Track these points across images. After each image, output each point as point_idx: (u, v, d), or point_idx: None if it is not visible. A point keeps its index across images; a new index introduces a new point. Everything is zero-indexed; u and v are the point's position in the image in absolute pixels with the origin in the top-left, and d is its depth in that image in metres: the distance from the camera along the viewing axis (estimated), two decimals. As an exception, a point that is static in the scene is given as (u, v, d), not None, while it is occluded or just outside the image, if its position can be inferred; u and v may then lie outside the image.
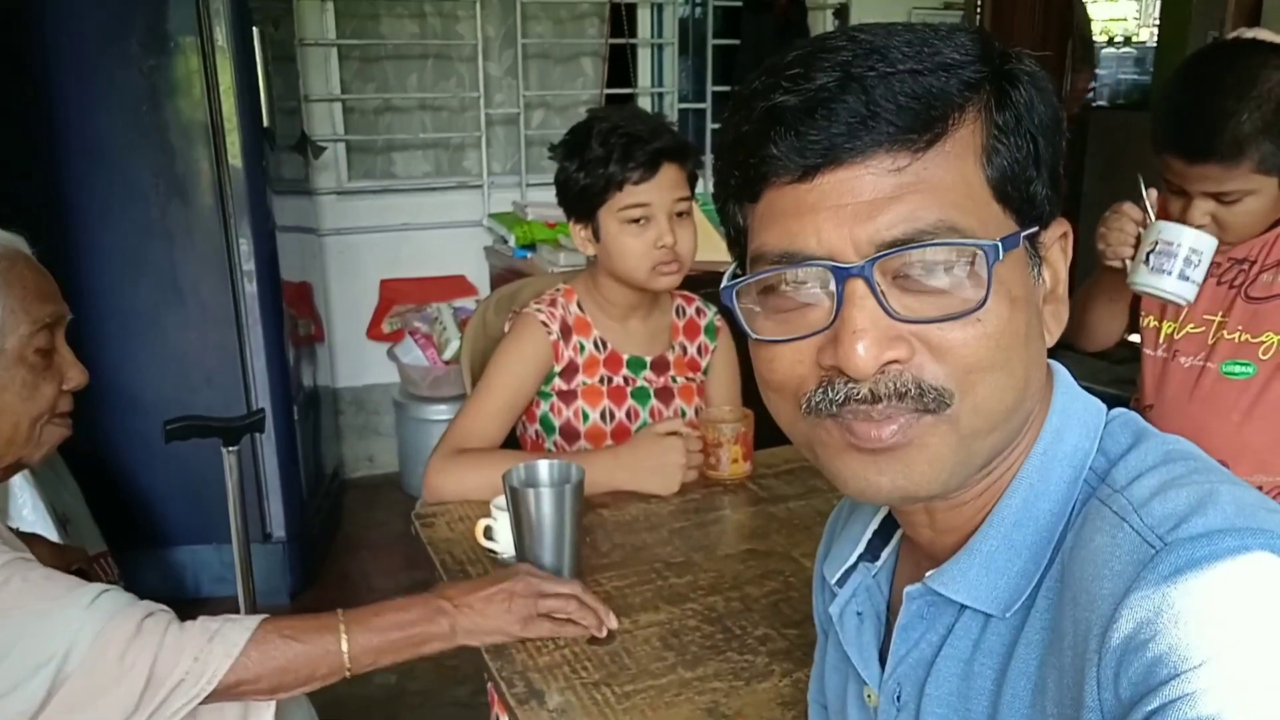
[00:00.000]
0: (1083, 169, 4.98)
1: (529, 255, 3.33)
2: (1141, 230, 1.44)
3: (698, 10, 4.41)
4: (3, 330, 1.10)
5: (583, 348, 1.64)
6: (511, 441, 1.64)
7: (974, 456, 0.60)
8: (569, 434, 1.65)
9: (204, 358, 2.74)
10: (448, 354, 3.28)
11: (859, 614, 0.74)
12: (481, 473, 1.45)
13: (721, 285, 0.64)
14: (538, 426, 1.66)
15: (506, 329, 1.67)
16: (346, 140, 3.63)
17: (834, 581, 0.76)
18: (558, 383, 1.63)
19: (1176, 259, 1.38)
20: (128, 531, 2.65)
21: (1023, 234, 0.60)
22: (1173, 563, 0.52)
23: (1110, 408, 0.66)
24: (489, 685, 1.57)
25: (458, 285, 3.64)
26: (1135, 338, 1.65)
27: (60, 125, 2.55)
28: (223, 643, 1.07)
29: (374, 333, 3.62)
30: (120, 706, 1.02)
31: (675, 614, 1.21)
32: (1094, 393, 0.66)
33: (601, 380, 1.65)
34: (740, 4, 4.08)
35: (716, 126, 3.95)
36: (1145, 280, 1.41)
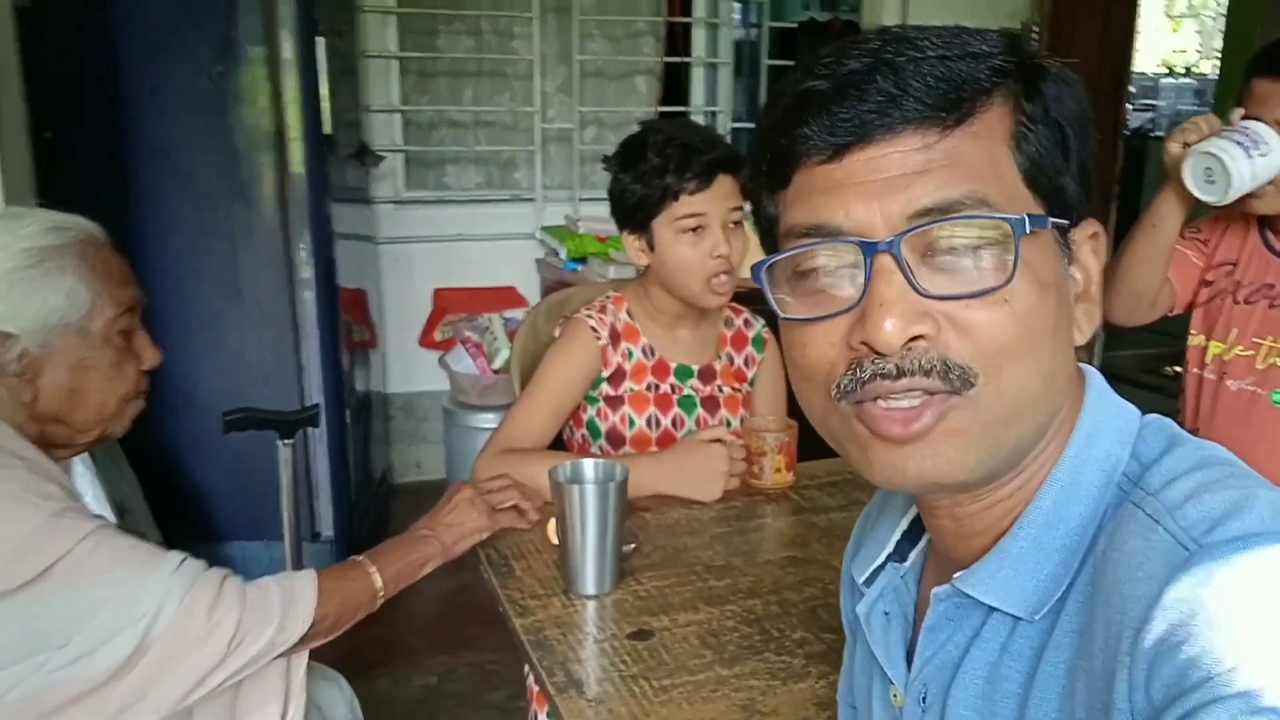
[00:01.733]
0: (1139, 200, 4.94)
1: (579, 268, 3.37)
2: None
3: (753, 32, 4.46)
4: (91, 313, 1.17)
5: (631, 354, 1.67)
6: (558, 447, 1.67)
7: (1000, 445, 0.60)
8: (614, 439, 1.67)
9: (261, 358, 2.81)
10: (497, 363, 3.33)
11: (886, 614, 0.74)
12: (527, 471, 1.48)
13: (753, 264, 0.65)
14: (584, 431, 1.69)
15: (557, 334, 1.70)
16: (405, 151, 3.70)
17: (861, 581, 0.77)
18: (605, 388, 1.66)
19: (1247, 136, 1.41)
20: (181, 524, 2.70)
21: (1051, 220, 0.60)
22: (1207, 565, 0.51)
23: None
24: (528, 681, 1.60)
25: (509, 296, 3.70)
26: (1177, 368, 1.65)
27: (132, 128, 2.64)
28: (300, 594, 1.17)
29: (426, 340, 3.68)
30: (207, 662, 1.10)
31: (714, 614, 1.22)
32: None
33: (649, 387, 1.68)
34: (795, 26, 4.11)
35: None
36: (1206, 146, 1.42)
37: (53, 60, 2.59)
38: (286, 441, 1.79)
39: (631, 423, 1.66)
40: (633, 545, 1.37)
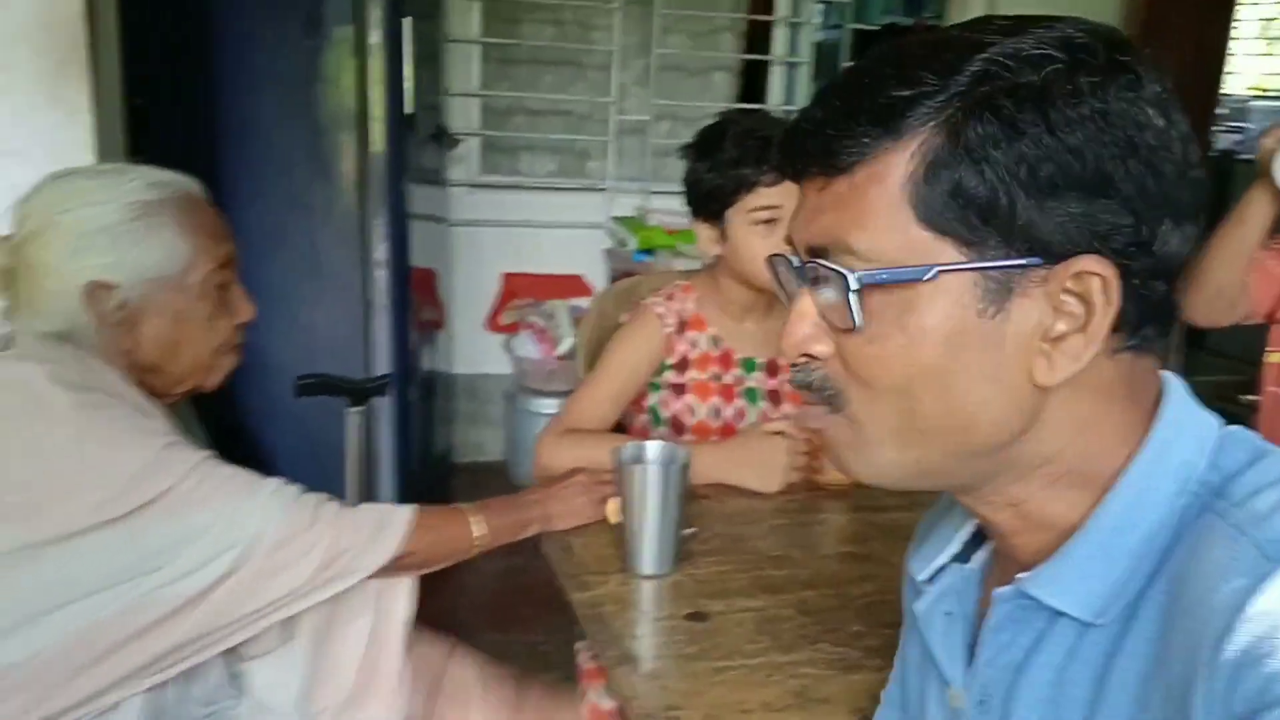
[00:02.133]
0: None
1: (647, 259, 3.38)
2: None
3: (834, 33, 4.43)
4: (190, 267, 1.22)
5: (697, 343, 1.67)
6: (620, 432, 1.68)
7: (898, 464, 0.64)
8: (676, 426, 1.68)
9: (332, 330, 2.87)
10: (561, 349, 3.36)
11: (948, 613, 0.74)
12: (589, 451, 1.49)
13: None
14: (646, 417, 1.70)
15: (624, 319, 1.71)
16: (482, 135, 3.75)
17: (922, 579, 0.76)
18: (669, 375, 1.67)
19: None
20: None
21: (938, 267, 0.58)
22: None
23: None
24: (578, 660, 1.61)
25: (575, 284, 3.72)
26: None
27: (220, 100, 2.71)
28: (388, 526, 1.22)
29: (492, 324, 3.72)
30: (298, 579, 1.16)
31: (771, 602, 1.22)
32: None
33: (713, 377, 1.68)
34: (878, 28, 4.08)
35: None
36: None
37: (148, 30, 2.67)
38: (356, 409, 1.83)
39: (694, 411, 1.67)
40: (693, 530, 1.37)
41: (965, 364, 0.60)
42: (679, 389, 1.67)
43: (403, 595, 1.35)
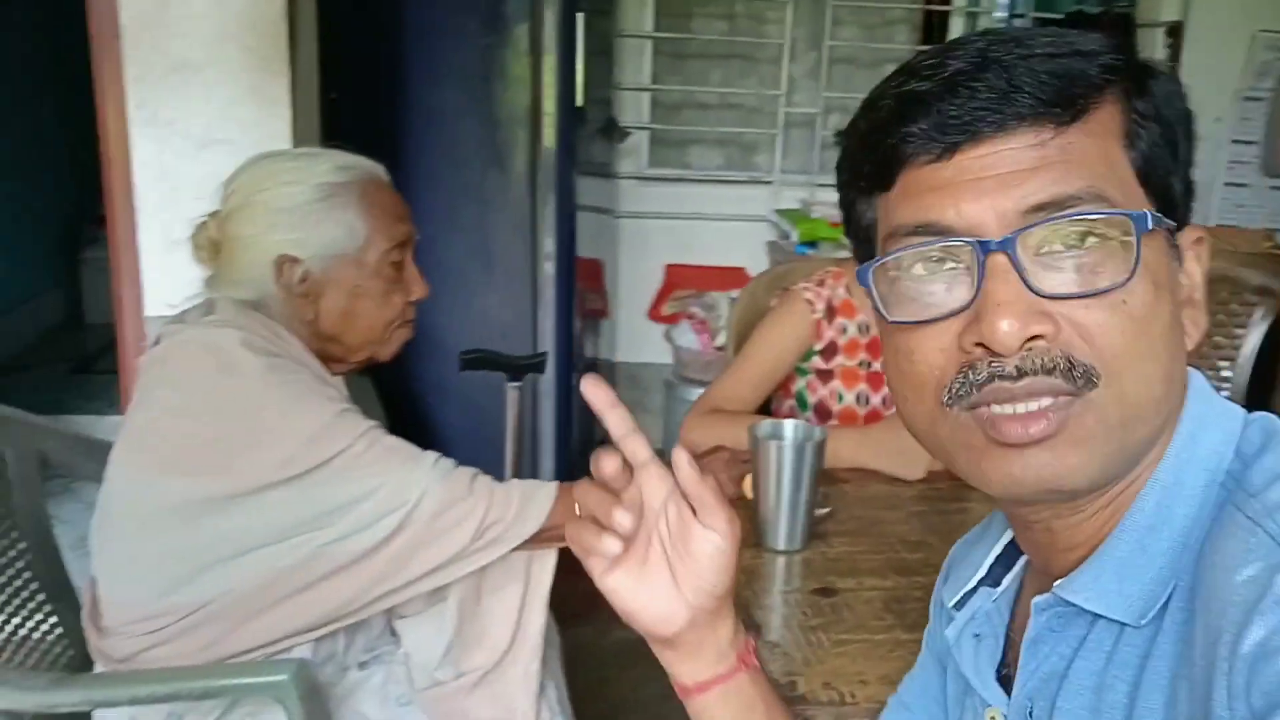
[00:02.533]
0: None
1: (810, 252, 3.37)
2: None
3: (1015, 22, 4.28)
4: (366, 245, 1.31)
5: (845, 329, 1.67)
6: (767, 415, 1.71)
7: (1123, 449, 0.58)
8: (822, 413, 1.69)
9: (500, 315, 3.00)
10: (720, 340, 3.39)
11: (976, 636, 0.73)
12: (730, 431, 1.52)
13: (857, 267, 0.64)
14: (792, 402, 1.72)
15: (773, 304, 1.74)
16: (650, 129, 3.82)
17: (952, 604, 0.76)
18: (816, 361, 1.68)
19: None
20: (418, 461, 2.95)
21: (1165, 219, 0.59)
22: None
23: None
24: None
25: (737, 276, 3.75)
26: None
27: (404, 94, 2.88)
28: (536, 501, 1.29)
29: (654, 313, 3.80)
30: (454, 546, 1.25)
31: (901, 583, 1.23)
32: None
33: (861, 364, 1.68)
34: (1061, 17, 3.92)
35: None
36: None
37: (342, 28, 2.87)
38: (515, 384, 1.92)
39: (840, 397, 1.67)
40: (827, 510, 1.39)
41: (1179, 323, 0.60)
42: (826, 375, 1.68)
43: (549, 565, 1.41)
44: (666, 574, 0.73)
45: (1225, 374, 2.18)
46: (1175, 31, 3.77)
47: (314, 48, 2.44)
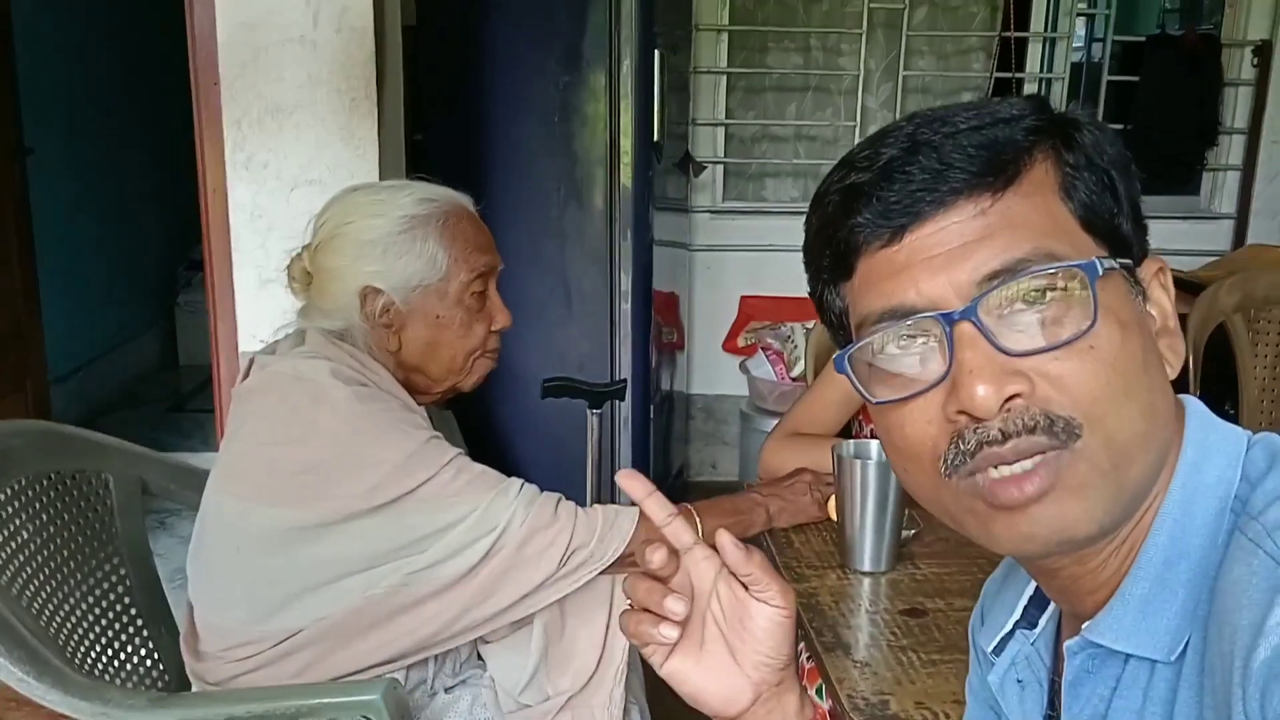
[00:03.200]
0: None
1: (887, 282, 3.35)
2: None
3: (1094, 47, 4.22)
4: (448, 275, 1.33)
5: (928, 350, 1.66)
6: (847, 438, 1.69)
7: (1122, 490, 0.59)
8: (905, 435, 1.67)
9: (579, 347, 3.04)
10: (796, 371, 3.38)
11: (1019, 682, 0.72)
12: (811, 454, 1.52)
13: (833, 356, 0.66)
14: (873, 427, 1.70)
15: (854, 327, 1.73)
16: (725, 163, 3.85)
17: (990, 650, 0.75)
18: (899, 383, 1.66)
19: None
20: (499, 493, 2.98)
21: (1118, 261, 0.60)
22: None
23: None
24: (800, 659, 1.63)
25: (811, 307, 3.71)
26: None
27: (487, 132, 2.95)
28: (618, 525, 1.29)
29: (729, 345, 3.80)
30: (541, 572, 1.26)
31: (992, 605, 1.20)
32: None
33: (944, 386, 1.66)
34: (1143, 40, 3.86)
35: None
36: None
37: (427, 72, 2.96)
38: (595, 411, 1.94)
39: (924, 419, 1.65)
40: (913, 531, 1.37)
41: (1154, 356, 0.61)
42: (908, 397, 1.66)
43: None
44: (725, 653, 0.74)
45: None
46: (1263, 51, 3.69)
47: (400, 90, 2.52)
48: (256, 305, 2.28)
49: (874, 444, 1.35)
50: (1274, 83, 3.68)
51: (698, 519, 1.37)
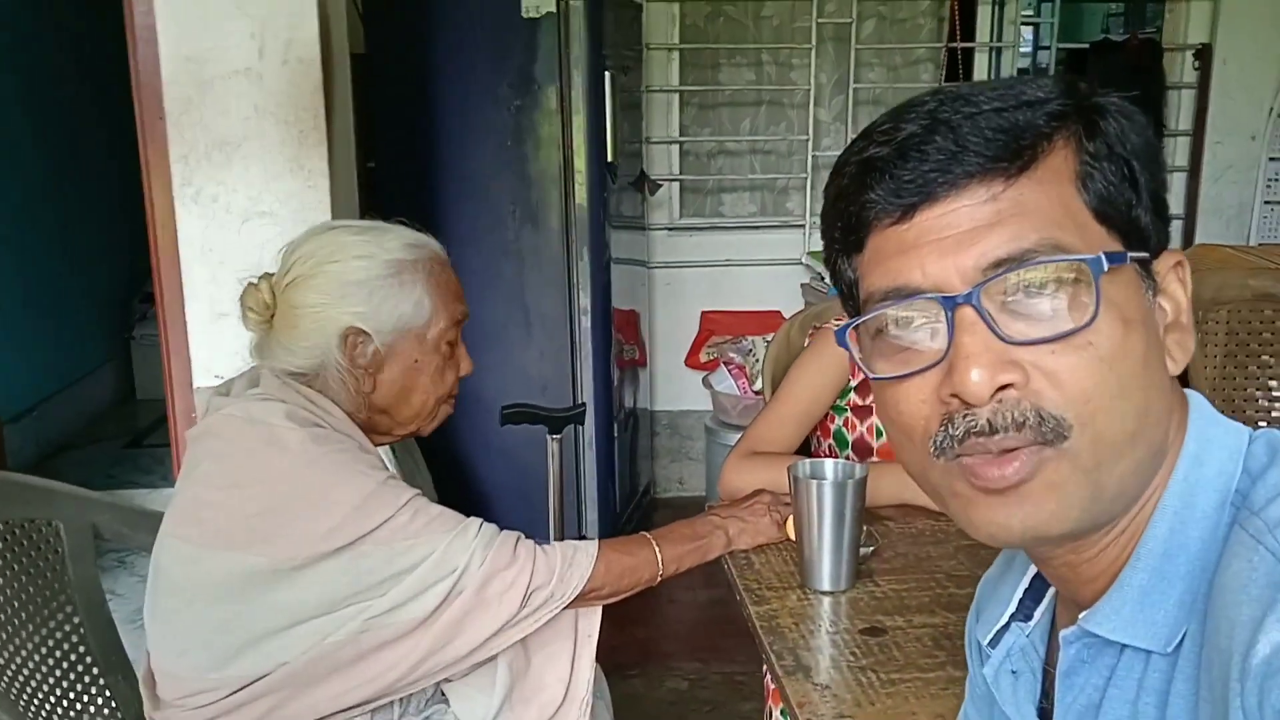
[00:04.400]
0: None
1: (845, 293, 3.37)
2: None
3: (1041, 55, 4.29)
4: (430, 322, 1.33)
5: (882, 365, 1.67)
6: (806, 456, 1.70)
7: (1102, 490, 0.59)
8: (862, 449, 1.68)
9: (540, 369, 3.03)
10: (758, 384, 3.39)
11: (1014, 673, 0.73)
12: (771, 473, 1.52)
13: (835, 328, 0.66)
14: (831, 441, 1.71)
15: (806, 344, 1.74)
16: (681, 180, 3.87)
17: (986, 642, 0.75)
18: (853, 398, 1.67)
19: None
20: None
21: (1130, 254, 0.59)
22: None
23: None
24: (765, 679, 1.63)
25: (773, 320, 3.75)
26: None
27: (440, 158, 2.95)
28: (577, 563, 1.29)
29: (692, 361, 3.81)
30: (503, 614, 1.25)
31: (952, 619, 1.21)
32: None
33: (900, 400, 1.67)
34: (1086, 46, 3.93)
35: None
36: None
37: (378, 99, 2.95)
38: (555, 437, 1.94)
39: (879, 433, 1.67)
40: (872, 548, 1.38)
41: (1155, 353, 0.61)
42: (863, 411, 1.67)
43: (595, 620, 1.40)
44: None
45: (1276, 393, 2.14)
46: (1203, 53, 3.77)
47: (350, 119, 2.51)
48: (210, 340, 2.25)
49: (829, 463, 1.36)
50: (1215, 84, 3.76)
51: (657, 548, 1.37)
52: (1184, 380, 0.64)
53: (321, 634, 1.22)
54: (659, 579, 1.38)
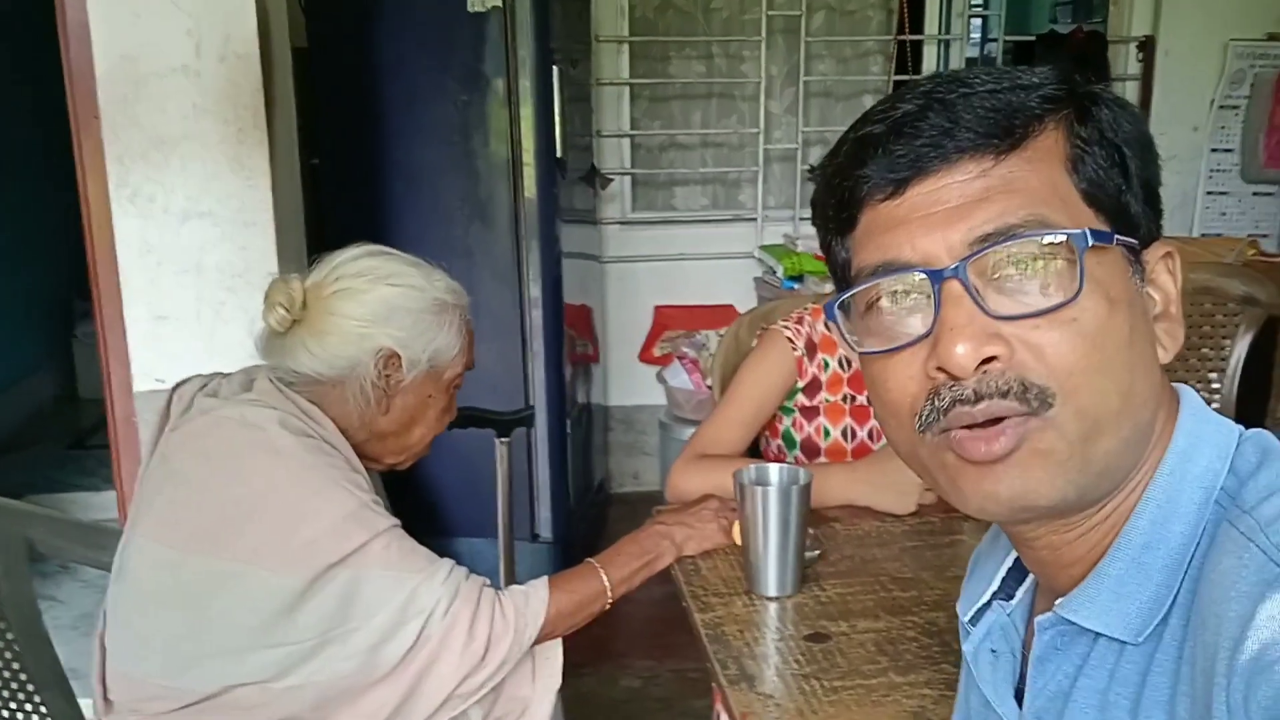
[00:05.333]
0: None
1: (796, 286, 3.38)
2: None
3: (989, 47, 4.33)
4: (450, 364, 1.37)
5: (827, 365, 1.68)
6: (755, 456, 1.70)
7: (1088, 464, 0.59)
8: (810, 450, 1.69)
9: (491, 367, 2.99)
10: (711, 379, 3.39)
11: (994, 652, 0.73)
12: (719, 476, 1.52)
13: (824, 303, 0.67)
14: (780, 442, 1.71)
15: (754, 344, 1.74)
16: (632, 174, 3.85)
17: (967, 620, 0.76)
18: (800, 399, 1.68)
19: None
20: (417, 520, 2.89)
21: (1117, 237, 0.60)
22: None
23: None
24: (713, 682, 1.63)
25: (727, 314, 3.75)
26: None
27: (386, 153, 2.90)
28: (531, 610, 1.28)
29: (645, 356, 3.81)
30: (464, 668, 1.23)
31: (895, 624, 1.22)
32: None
33: (844, 399, 1.68)
34: (1033, 39, 3.96)
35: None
36: None
37: (321, 94, 2.90)
38: (503, 440, 1.92)
39: (827, 434, 1.67)
40: (817, 552, 1.38)
41: (1142, 336, 0.61)
42: (810, 412, 1.68)
43: (556, 658, 1.38)
44: None
45: (1215, 385, 2.18)
46: (1147, 45, 3.82)
47: (292, 115, 2.47)
48: (151, 342, 2.21)
49: (774, 468, 1.36)
50: (1158, 76, 3.81)
51: (604, 575, 1.37)
52: None
53: (281, 667, 1.20)
54: (609, 604, 1.38)
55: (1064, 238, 0.58)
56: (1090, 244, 0.58)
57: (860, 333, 0.65)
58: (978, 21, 4.61)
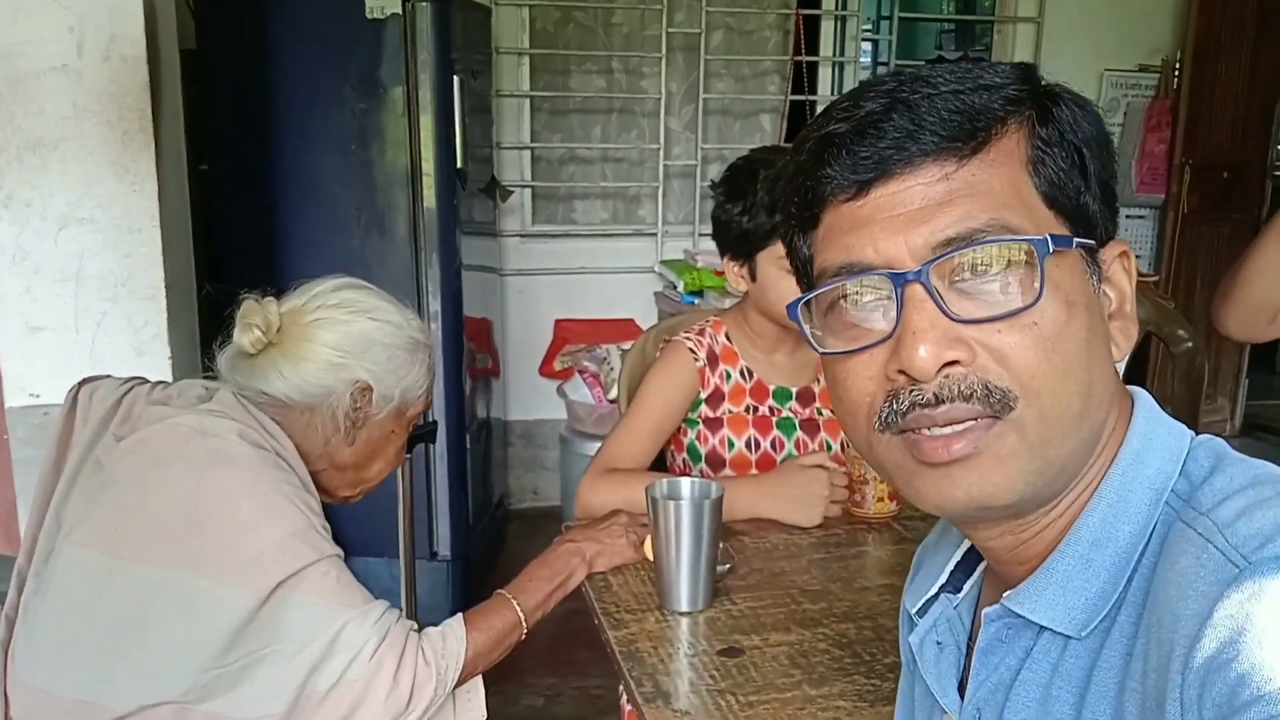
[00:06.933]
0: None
1: (696, 301, 3.41)
2: None
3: (879, 69, 4.45)
4: (414, 403, 1.37)
5: (729, 376, 1.69)
6: (661, 470, 1.70)
7: (1047, 465, 0.60)
8: (714, 462, 1.69)
9: (389, 381, 2.93)
10: (613, 393, 3.38)
11: (939, 644, 0.74)
12: (629, 490, 1.51)
13: (787, 304, 0.67)
14: (685, 455, 1.71)
15: (657, 356, 1.74)
16: (533, 186, 3.83)
17: (914, 611, 0.77)
18: (704, 410, 1.68)
19: None
20: (310, 538, 2.84)
21: (1076, 240, 0.61)
22: (1257, 581, 0.51)
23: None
24: (621, 701, 1.62)
25: (627, 328, 3.76)
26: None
27: (279, 161, 2.82)
28: (450, 650, 1.25)
29: (546, 370, 3.78)
30: (390, 712, 1.19)
31: (806, 636, 1.23)
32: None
33: (747, 409, 1.69)
34: (922, 62, 4.09)
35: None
36: None
37: (211, 98, 2.80)
38: (404, 455, 1.87)
39: (731, 444, 1.68)
40: (728, 565, 1.38)
41: (1099, 338, 0.62)
42: (714, 424, 1.68)
43: (478, 685, 1.35)
44: None
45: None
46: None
47: (180, 119, 2.37)
48: (24, 354, 2.09)
49: (686, 482, 1.36)
50: (1038, 102, 3.97)
51: (517, 605, 1.34)
52: None
53: (205, 690, 1.14)
54: (525, 632, 1.36)
55: (1026, 243, 0.59)
56: (1051, 250, 0.59)
57: (822, 330, 0.65)
58: (868, 46, 4.73)
